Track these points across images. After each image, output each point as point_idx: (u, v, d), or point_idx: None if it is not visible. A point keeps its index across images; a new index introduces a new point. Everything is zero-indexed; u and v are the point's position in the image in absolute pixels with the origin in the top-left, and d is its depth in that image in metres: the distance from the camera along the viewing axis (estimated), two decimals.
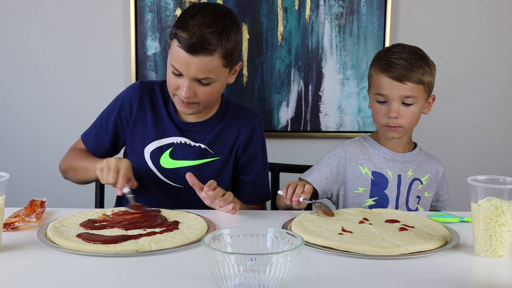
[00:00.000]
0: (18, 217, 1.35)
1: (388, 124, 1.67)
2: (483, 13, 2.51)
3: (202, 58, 1.49)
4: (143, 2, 2.39)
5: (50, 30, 2.45)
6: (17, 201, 1.48)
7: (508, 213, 1.16)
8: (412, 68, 1.62)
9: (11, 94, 2.48)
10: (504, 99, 2.58)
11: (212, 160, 1.67)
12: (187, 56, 1.49)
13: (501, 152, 2.60)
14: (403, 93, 1.63)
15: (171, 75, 1.56)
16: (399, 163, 1.72)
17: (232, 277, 0.92)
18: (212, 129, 1.68)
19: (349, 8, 2.43)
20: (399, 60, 1.63)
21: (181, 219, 1.39)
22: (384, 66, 1.64)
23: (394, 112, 1.64)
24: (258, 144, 1.73)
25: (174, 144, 1.66)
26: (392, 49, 1.69)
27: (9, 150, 2.50)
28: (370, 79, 1.72)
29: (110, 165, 1.47)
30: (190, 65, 1.50)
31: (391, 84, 1.63)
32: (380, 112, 1.67)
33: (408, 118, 1.66)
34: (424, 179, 1.75)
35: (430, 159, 1.79)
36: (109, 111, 1.72)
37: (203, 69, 1.50)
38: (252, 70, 2.45)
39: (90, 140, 1.73)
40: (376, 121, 1.71)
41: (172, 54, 1.54)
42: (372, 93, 1.70)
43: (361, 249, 1.18)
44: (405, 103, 1.65)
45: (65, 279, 1.05)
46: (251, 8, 2.42)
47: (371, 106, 1.73)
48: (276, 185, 2.05)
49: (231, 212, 1.48)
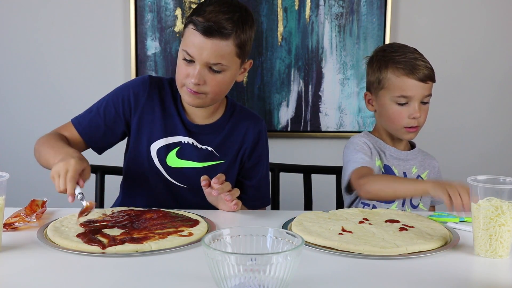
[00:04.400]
0: (18, 217, 1.35)
1: (409, 125, 1.69)
2: (483, 13, 2.51)
3: (216, 41, 1.49)
4: (143, 2, 2.39)
5: (50, 30, 2.45)
6: (17, 201, 1.48)
7: (508, 213, 1.16)
8: (426, 66, 1.68)
9: (11, 94, 2.49)
10: (504, 99, 2.58)
11: (217, 163, 1.66)
12: (201, 39, 1.49)
13: (501, 152, 2.60)
14: (425, 92, 1.68)
15: (181, 62, 1.54)
16: (403, 161, 1.75)
17: (232, 277, 0.92)
18: (220, 132, 1.67)
19: (349, 8, 2.43)
20: (419, 61, 1.67)
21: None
22: (408, 69, 1.66)
23: (418, 112, 1.67)
24: (263, 149, 1.73)
25: (182, 143, 1.64)
26: (395, 49, 1.71)
27: (9, 150, 2.50)
28: (383, 81, 1.70)
29: (59, 172, 1.35)
30: (204, 49, 1.50)
31: (417, 85, 1.66)
32: (402, 114, 1.68)
33: (425, 116, 1.71)
34: (424, 175, 1.78)
35: (427, 156, 1.83)
36: (110, 99, 1.65)
37: (216, 54, 1.50)
38: (252, 70, 2.45)
39: (83, 125, 1.64)
40: (394, 123, 1.71)
41: (185, 39, 1.53)
42: (388, 96, 1.69)
43: (361, 249, 1.18)
44: (423, 102, 1.69)
45: (65, 279, 1.05)
46: (251, 8, 2.41)
47: (381, 109, 1.72)
48: (276, 185, 2.05)
49: (232, 207, 1.48)
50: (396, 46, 1.74)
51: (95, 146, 1.66)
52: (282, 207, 2.05)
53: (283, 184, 2.07)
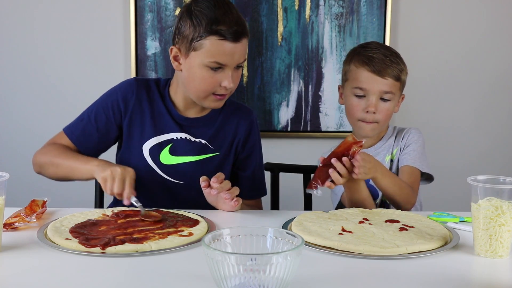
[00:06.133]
0: (18, 217, 1.35)
1: (364, 119, 1.69)
2: (483, 12, 2.51)
3: (243, 41, 1.56)
4: (143, 2, 2.39)
5: (50, 30, 2.45)
6: (17, 201, 1.48)
7: (508, 213, 1.16)
8: (392, 64, 1.66)
9: (11, 94, 2.49)
10: (505, 99, 2.58)
11: (212, 155, 1.68)
12: (232, 46, 1.52)
13: (501, 152, 2.60)
14: (383, 88, 1.66)
15: (206, 74, 1.54)
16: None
17: (232, 277, 0.92)
18: (212, 124, 1.69)
19: (349, 8, 2.43)
20: (379, 55, 1.66)
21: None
22: (366, 60, 1.66)
23: (373, 106, 1.66)
24: (255, 139, 1.75)
25: (174, 140, 1.66)
26: (369, 45, 1.71)
27: (9, 150, 2.50)
28: (347, 73, 1.73)
29: (115, 175, 1.44)
30: (235, 53, 1.54)
31: (372, 78, 1.65)
32: (357, 107, 1.69)
33: (384, 114, 1.69)
34: (394, 154, 1.75)
35: (401, 133, 1.76)
36: (99, 106, 1.67)
37: (244, 52, 1.57)
38: (252, 70, 2.45)
39: (76, 134, 1.66)
40: (351, 116, 1.72)
41: (208, 52, 1.52)
42: (348, 87, 1.71)
43: (361, 249, 1.18)
44: (383, 99, 1.68)
45: (65, 279, 1.05)
46: (251, 8, 2.42)
47: (344, 101, 1.75)
48: (276, 185, 2.05)
49: (233, 204, 1.49)
50: (374, 44, 1.73)
51: (90, 153, 1.67)
52: (282, 207, 2.05)
53: (283, 184, 2.07)
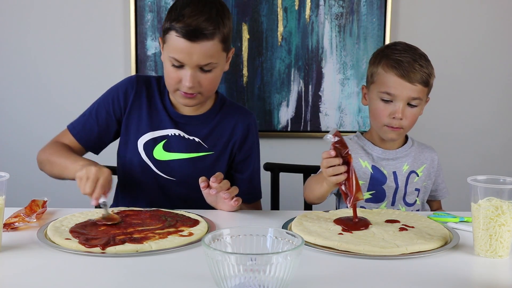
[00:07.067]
0: (18, 217, 1.35)
1: (390, 124, 1.65)
2: (483, 13, 2.51)
3: (203, 43, 1.50)
4: (143, 2, 2.39)
5: (50, 31, 2.45)
6: (17, 201, 1.48)
7: (508, 213, 1.16)
8: (421, 69, 1.62)
9: (11, 94, 2.49)
10: (505, 99, 2.58)
11: (205, 154, 1.68)
12: (188, 45, 1.50)
13: (501, 152, 2.60)
14: (411, 94, 1.62)
15: (170, 69, 1.55)
16: (392, 160, 1.72)
17: (232, 277, 0.92)
18: (208, 123, 1.69)
19: (349, 8, 2.43)
20: (408, 59, 1.62)
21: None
22: (394, 64, 1.62)
23: (400, 112, 1.63)
24: (253, 142, 1.75)
25: (168, 136, 1.66)
26: (397, 47, 1.67)
27: (9, 150, 2.50)
28: (373, 76, 1.69)
29: (89, 175, 1.40)
30: (192, 53, 1.51)
31: (400, 83, 1.62)
32: (383, 112, 1.65)
33: (410, 119, 1.65)
34: (419, 171, 1.74)
35: (424, 149, 1.79)
36: (101, 102, 1.71)
37: (205, 55, 1.52)
38: (252, 70, 2.45)
39: (77, 129, 1.69)
40: (376, 120, 1.69)
41: (170, 46, 1.53)
42: (375, 90, 1.67)
43: (361, 249, 1.19)
44: (410, 104, 1.64)
45: (65, 279, 1.05)
46: (251, 8, 2.42)
47: (368, 103, 1.72)
48: (276, 185, 2.05)
49: (233, 204, 1.48)
50: (402, 45, 1.68)
51: (91, 147, 1.70)
52: (282, 207, 2.05)
53: (283, 184, 2.07)
